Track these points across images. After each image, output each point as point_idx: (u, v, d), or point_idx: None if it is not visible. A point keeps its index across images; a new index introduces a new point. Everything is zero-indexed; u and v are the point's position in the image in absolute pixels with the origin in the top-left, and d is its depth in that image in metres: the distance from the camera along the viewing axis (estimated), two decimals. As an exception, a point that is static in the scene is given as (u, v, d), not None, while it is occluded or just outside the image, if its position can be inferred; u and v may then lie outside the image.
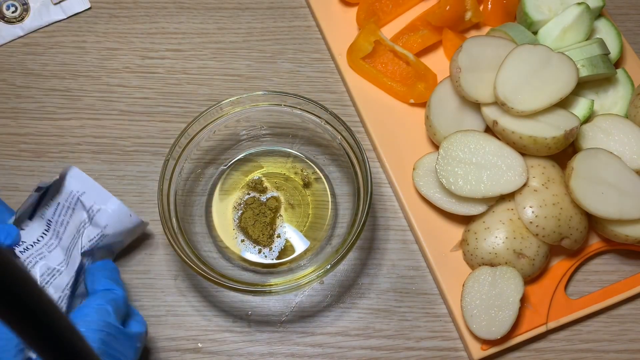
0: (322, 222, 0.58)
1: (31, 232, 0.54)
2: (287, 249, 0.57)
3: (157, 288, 0.56)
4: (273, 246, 0.57)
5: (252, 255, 0.56)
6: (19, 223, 0.54)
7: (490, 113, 0.55)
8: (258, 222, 0.57)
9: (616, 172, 0.53)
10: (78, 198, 0.52)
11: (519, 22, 0.63)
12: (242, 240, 0.57)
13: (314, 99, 0.55)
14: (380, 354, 0.54)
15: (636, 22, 0.70)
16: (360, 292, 0.57)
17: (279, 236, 0.57)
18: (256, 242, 0.57)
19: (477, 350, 0.53)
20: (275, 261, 0.56)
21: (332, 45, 0.66)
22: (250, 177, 0.59)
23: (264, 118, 0.59)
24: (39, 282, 0.49)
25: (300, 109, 0.56)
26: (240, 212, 0.58)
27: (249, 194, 0.58)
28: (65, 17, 0.67)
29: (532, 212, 0.53)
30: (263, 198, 0.58)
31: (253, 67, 0.66)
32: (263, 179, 0.59)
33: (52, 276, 0.51)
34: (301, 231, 0.57)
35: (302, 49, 0.67)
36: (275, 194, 0.59)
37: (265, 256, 0.56)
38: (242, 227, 0.57)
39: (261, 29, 0.68)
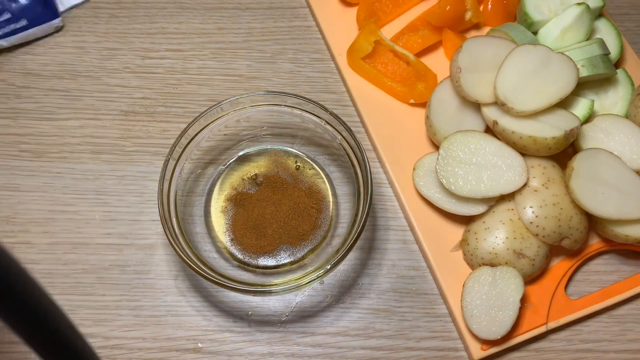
0: (322, 222, 0.58)
1: None
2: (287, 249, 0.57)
3: (157, 288, 0.56)
4: (273, 246, 0.57)
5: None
6: None
7: (490, 113, 0.55)
8: (258, 222, 0.57)
9: (616, 172, 0.53)
10: None
11: (519, 22, 0.63)
12: (242, 240, 0.57)
13: (314, 99, 0.55)
14: (380, 354, 0.54)
15: (636, 22, 0.70)
16: (361, 292, 0.57)
17: (279, 236, 0.57)
18: (256, 242, 0.57)
19: (477, 350, 0.53)
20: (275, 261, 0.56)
21: (332, 45, 0.66)
22: (250, 177, 0.59)
23: (264, 118, 0.59)
24: None
25: (300, 109, 0.56)
26: (240, 212, 0.58)
27: (249, 194, 0.58)
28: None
29: (532, 212, 0.53)
30: (263, 198, 0.58)
31: (253, 67, 0.66)
32: (263, 179, 0.59)
33: None
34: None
35: (302, 49, 0.67)
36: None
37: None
38: (242, 227, 0.57)
39: (261, 29, 0.68)
